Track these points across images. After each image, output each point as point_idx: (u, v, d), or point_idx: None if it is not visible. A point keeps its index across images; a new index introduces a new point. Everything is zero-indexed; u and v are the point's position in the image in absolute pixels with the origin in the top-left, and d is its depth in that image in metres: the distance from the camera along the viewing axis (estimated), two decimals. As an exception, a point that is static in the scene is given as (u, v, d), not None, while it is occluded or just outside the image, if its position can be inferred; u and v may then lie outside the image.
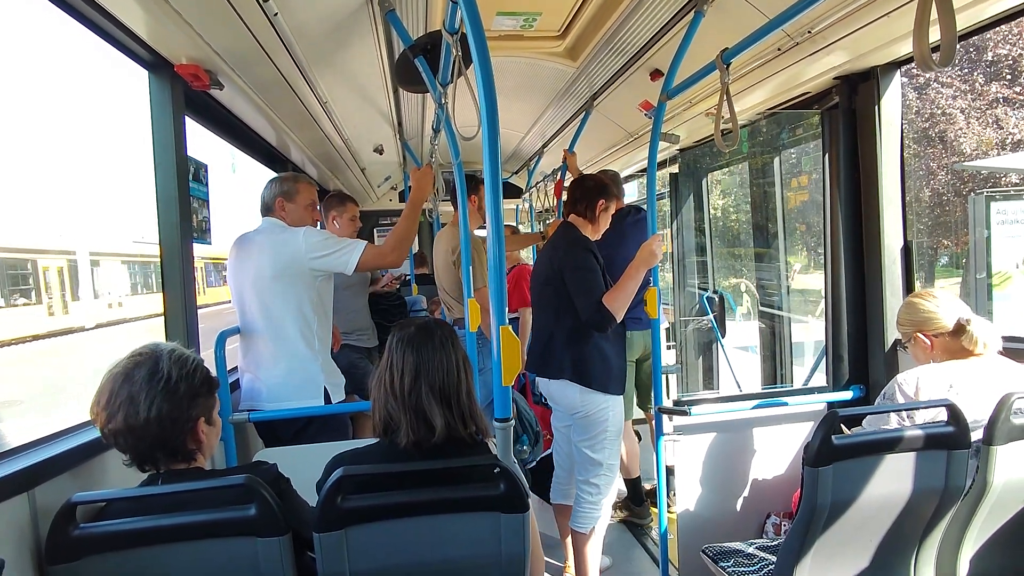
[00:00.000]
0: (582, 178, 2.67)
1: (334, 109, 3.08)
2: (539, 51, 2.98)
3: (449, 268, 3.18)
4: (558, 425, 2.66)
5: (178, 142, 2.03)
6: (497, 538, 1.25)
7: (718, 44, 1.92)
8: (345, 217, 3.17)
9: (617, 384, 2.44)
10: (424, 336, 1.39)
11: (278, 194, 2.36)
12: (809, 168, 3.81)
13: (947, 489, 1.54)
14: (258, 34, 1.96)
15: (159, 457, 1.30)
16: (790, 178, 3.81)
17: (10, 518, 1.25)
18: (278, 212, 2.36)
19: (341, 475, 1.20)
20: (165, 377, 1.28)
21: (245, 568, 1.21)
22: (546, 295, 2.49)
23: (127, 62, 1.90)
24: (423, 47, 2.14)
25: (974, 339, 1.75)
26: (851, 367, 2.45)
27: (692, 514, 2.41)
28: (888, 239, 2.32)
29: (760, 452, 2.46)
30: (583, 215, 2.52)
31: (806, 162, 3.90)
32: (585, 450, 2.44)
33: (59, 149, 58.38)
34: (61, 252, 17.98)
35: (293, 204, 2.37)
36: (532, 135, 4.54)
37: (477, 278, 3.00)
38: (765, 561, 1.94)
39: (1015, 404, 1.50)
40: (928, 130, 12.60)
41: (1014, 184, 9.95)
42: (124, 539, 1.18)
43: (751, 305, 4.43)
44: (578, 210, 2.52)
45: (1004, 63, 11.88)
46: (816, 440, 1.47)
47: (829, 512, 1.51)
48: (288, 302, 2.22)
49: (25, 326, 16.00)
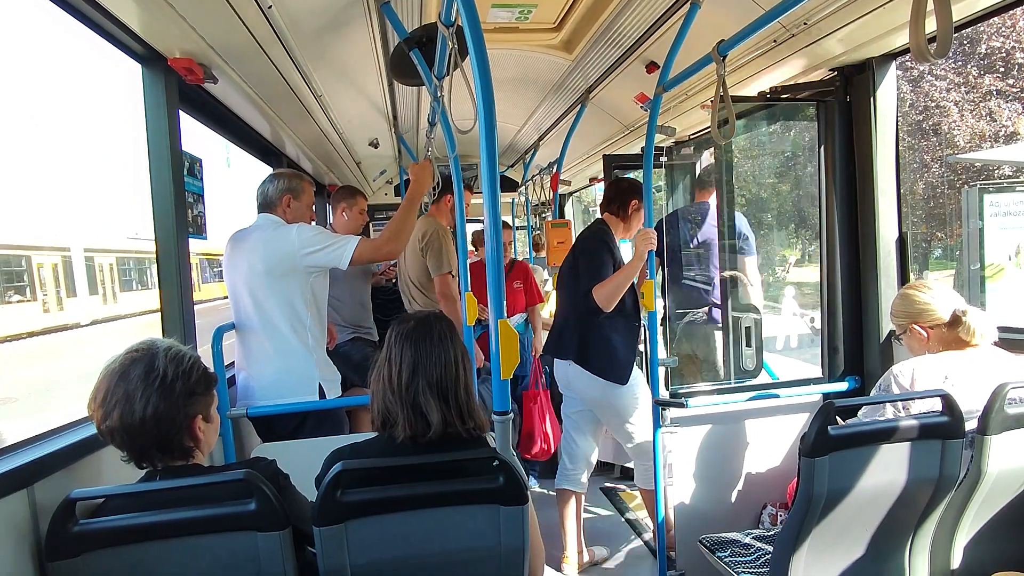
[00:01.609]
0: (617, 179, 2.87)
1: (329, 103, 3.07)
2: (534, 43, 2.96)
3: (416, 255, 3.21)
4: (568, 412, 2.79)
5: (172, 137, 2.02)
6: (496, 530, 1.25)
7: (714, 36, 1.92)
8: (355, 210, 3.18)
9: (617, 372, 2.53)
10: (423, 331, 1.39)
11: (286, 191, 2.34)
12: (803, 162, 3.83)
13: (942, 478, 1.55)
14: (252, 27, 1.95)
15: (155, 454, 1.30)
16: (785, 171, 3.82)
17: (10, 514, 1.25)
18: (282, 209, 2.34)
19: (340, 469, 1.20)
20: (161, 375, 1.27)
21: (246, 563, 1.22)
22: (565, 280, 2.72)
23: (120, 56, 1.89)
24: (418, 40, 2.12)
25: (971, 330, 1.76)
26: (846, 358, 2.46)
27: (689, 505, 2.42)
28: (883, 231, 2.33)
29: (756, 443, 2.47)
30: (616, 214, 2.69)
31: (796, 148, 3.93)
32: (613, 430, 2.69)
33: (52, 145, 57.89)
34: (56, 249, 17.86)
35: (299, 203, 2.37)
36: (528, 128, 4.53)
37: (443, 264, 3.04)
38: (762, 551, 1.95)
39: (1009, 394, 1.52)
40: (922, 123, 12.64)
41: (1007, 176, 10.00)
42: (124, 535, 1.18)
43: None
44: (612, 209, 2.69)
45: (997, 56, 11.91)
46: (812, 431, 1.48)
47: (825, 502, 1.52)
48: (281, 298, 2.21)
49: (20, 323, 15.91)
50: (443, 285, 3.13)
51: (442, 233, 3.17)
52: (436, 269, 3.13)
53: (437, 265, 3.12)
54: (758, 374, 2.88)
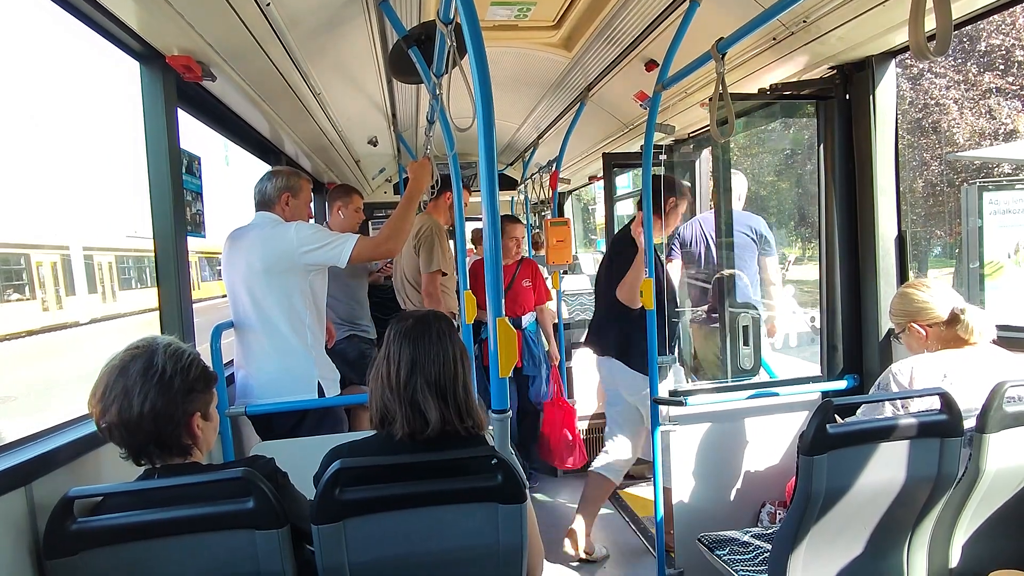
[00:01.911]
0: (653, 176, 2.89)
1: (327, 101, 3.06)
2: (533, 41, 2.96)
3: (410, 252, 3.21)
4: (612, 405, 2.93)
5: (171, 135, 2.01)
6: (495, 528, 1.25)
7: (713, 34, 1.92)
8: (350, 208, 3.17)
9: (638, 361, 2.66)
10: (421, 329, 1.38)
11: (284, 189, 2.33)
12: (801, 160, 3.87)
13: (940, 477, 1.55)
14: (250, 24, 1.94)
15: (153, 451, 1.29)
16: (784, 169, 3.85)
17: (8, 512, 1.25)
18: (280, 207, 2.33)
19: (339, 467, 1.20)
20: (159, 371, 1.27)
21: (244, 561, 1.21)
22: (602, 279, 2.88)
23: (118, 54, 1.89)
24: (417, 37, 2.12)
25: (969, 328, 1.76)
26: (845, 357, 2.46)
27: (688, 503, 2.43)
28: (882, 229, 2.33)
29: (755, 442, 2.47)
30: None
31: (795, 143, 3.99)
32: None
33: (51, 144, 57.79)
34: (55, 247, 17.84)
35: (297, 201, 2.36)
36: (527, 126, 4.52)
37: (433, 262, 3.07)
38: (760, 549, 1.96)
39: (1008, 392, 1.52)
40: (922, 120, 12.64)
41: (1007, 174, 10.00)
42: (122, 533, 1.18)
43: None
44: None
45: (997, 53, 11.91)
46: (811, 429, 1.48)
47: (823, 500, 1.52)
48: (279, 296, 2.20)
49: (19, 322, 15.90)
50: (429, 283, 3.12)
51: (436, 230, 3.16)
52: (425, 266, 3.12)
53: (427, 262, 3.11)
54: (756, 373, 2.88)
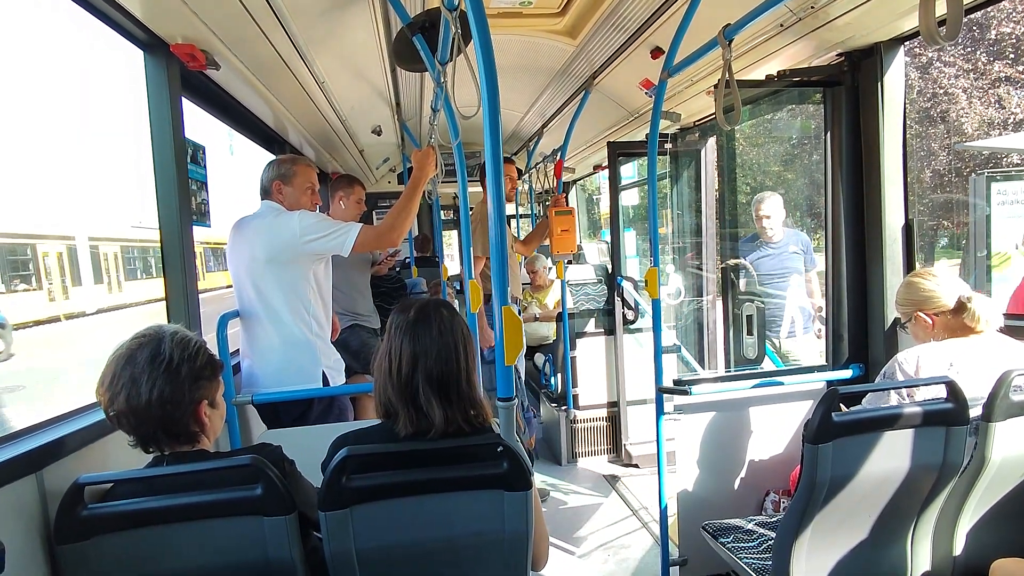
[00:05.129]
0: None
1: (331, 89, 3.05)
2: (538, 29, 2.94)
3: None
4: None
5: (175, 124, 2.01)
6: (501, 515, 1.26)
7: (720, 20, 1.89)
8: (352, 199, 3.15)
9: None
10: (422, 322, 1.35)
11: (275, 177, 2.33)
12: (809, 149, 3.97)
13: (945, 465, 1.55)
14: (254, 13, 1.94)
15: (161, 439, 1.31)
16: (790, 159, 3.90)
17: (19, 499, 1.26)
18: (275, 195, 2.33)
19: (346, 455, 1.21)
20: (167, 359, 1.28)
21: (252, 547, 1.23)
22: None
23: (122, 42, 1.88)
24: (421, 25, 2.11)
25: (976, 316, 1.76)
26: (851, 346, 2.46)
27: (692, 492, 2.43)
28: (889, 218, 2.31)
29: (759, 430, 2.47)
30: None
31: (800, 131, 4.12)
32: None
33: (56, 134, 57.84)
34: (61, 238, 17.90)
35: (290, 187, 2.34)
36: (532, 115, 4.50)
37: (477, 246, 3.06)
38: (764, 537, 1.96)
39: (1014, 381, 1.51)
40: (930, 110, 12.51)
41: (1015, 164, 9.90)
42: (132, 519, 1.19)
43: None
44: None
45: (1007, 42, 11.75)
46: (816, 417, 1.48)
47: (828, 488, 1.52)
48: (283, 286, 2.20)
49: (26, 312, 16.00)
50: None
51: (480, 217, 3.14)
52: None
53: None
54: (761, 362, 2.88)
